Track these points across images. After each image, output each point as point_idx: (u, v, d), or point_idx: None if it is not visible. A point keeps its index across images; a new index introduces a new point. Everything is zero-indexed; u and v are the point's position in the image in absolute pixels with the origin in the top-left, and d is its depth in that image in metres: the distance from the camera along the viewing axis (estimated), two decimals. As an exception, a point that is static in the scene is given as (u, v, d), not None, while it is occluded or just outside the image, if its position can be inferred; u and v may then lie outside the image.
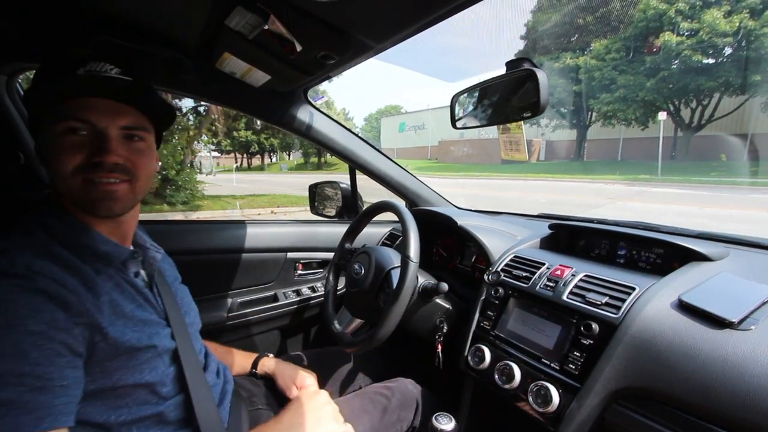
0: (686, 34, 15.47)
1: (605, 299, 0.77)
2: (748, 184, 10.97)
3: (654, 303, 0.70)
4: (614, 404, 0.67)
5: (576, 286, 0.83)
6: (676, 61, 15.72)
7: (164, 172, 8.41)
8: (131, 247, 0.68)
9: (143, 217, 0.73)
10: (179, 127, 8.97)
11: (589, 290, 0.81)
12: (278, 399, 0.96)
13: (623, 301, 0.74)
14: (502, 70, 0.65)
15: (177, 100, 9.22)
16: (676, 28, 15.48)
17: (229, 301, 1.31)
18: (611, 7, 19.10)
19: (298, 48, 0.70)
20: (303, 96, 1.14)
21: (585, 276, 0.85)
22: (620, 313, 0.72)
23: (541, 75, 0.57)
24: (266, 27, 0.65)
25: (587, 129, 21.46)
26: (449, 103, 0.79)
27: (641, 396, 0.65)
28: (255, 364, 1.01)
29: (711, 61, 15.55)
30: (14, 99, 1.01)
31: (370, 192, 1.68)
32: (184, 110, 9.88)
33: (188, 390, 0.64)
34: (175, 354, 0.65)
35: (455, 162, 25.17)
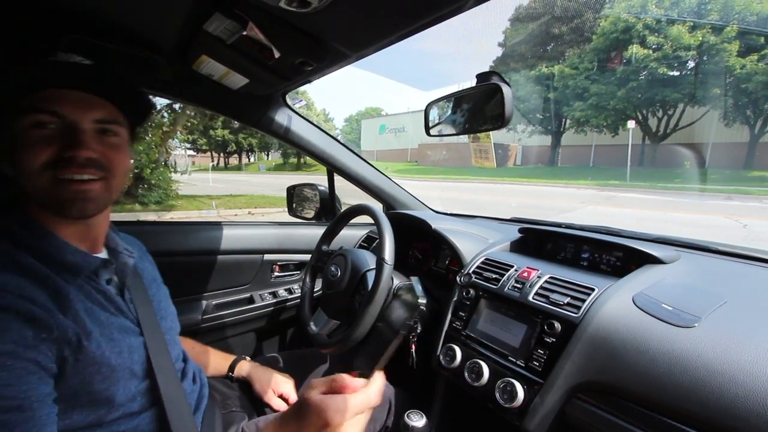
0: (653, 47, 16.26)
1: (567, 299, 0.81)
2: (708, 190, 11.63)
3: (611, 303, 0.75)
4: (574, 398, 0.72)
5: (541, 287, 0.88)
6: (644, 73, 16.50)
7: (136, 171, 8.14)
8: (103, 252, 0.65)
9: (113, 217, 0.70)
10: (153, 124, 8.71)
11: (553, 291, 0.85)
12: (253, 402, 0.96)
13: (583, 301, 0.79)
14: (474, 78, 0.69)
15: (150, 97, 8.91)
16: (643, 40, 16.25)
17: (204, 303, 1.30)
18: (584, 18, 19.85)
19: (276, 54, 0.71)
20: (281, 99, 1.15)
21: (550, 278, 0.90)
22: (580, 313, 0.77)
23: (507, 89, 0.60)
24: (244, 33, 0.66)
25: (561, 135, 22.21)
26: (424, 111, 0.83)
27: (598, 390, 0.70)
28: (231, 368, 1.01)
29: (675, 73, 16.43)
30: None
31: (348, 194, 1.70)
32: (159, 107, 9.60)
33: (162, 403, 0.62)
34: (149, 368, 0.62)
35: (434, 165, 25.47)
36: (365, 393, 0.49)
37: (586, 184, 13.86)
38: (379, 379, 0.52)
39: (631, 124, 15.75)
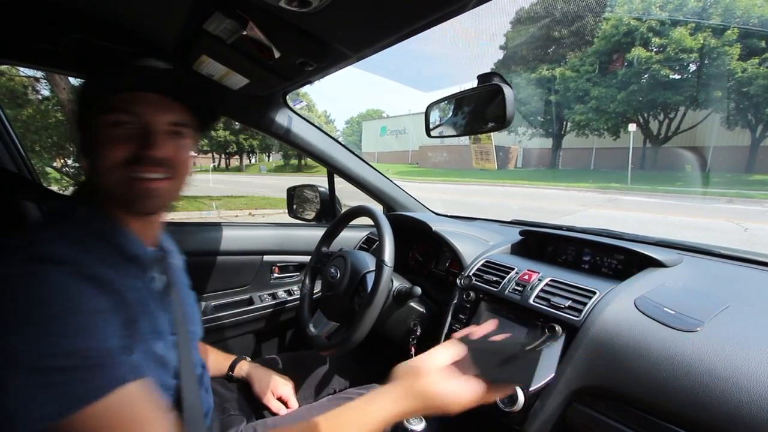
0: (655, 49, 16.28)
1: (568, 303, 0.81)
2: (709, 194, 11.62)
3: (612, 306, 0.75)
4: (575, 403, 0.71)
5: (542, 290, 0.87)
6: (646, 75, 16.51)
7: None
8: (156, 250, 0.66)
9: None
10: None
11: (554, 294, 0.85)
12: (251, 405, 0.96)
13: (585, 304, 0.78)
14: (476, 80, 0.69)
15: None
16: (645, 43, 16.26)
17: (203, 304, 1.29)
18: (585, 21, 19.88)
19: (277, 54, 0.71)
20: (282, 100, 1.15)
21: (551, 280, 0.89)
22: (581, 316, 0.76)
23: (508, 90, 0.60)
24: (244, 33, 0.66)
25: (562, 138, 22.21)
26: (425, 112, 0.82)
27: (599, 394, 0.69)
28: (232, 367, 1.00)
29: (677, 76, 16.43)
30: None
31: (349, 196, 1.69)
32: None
33: (182, 409, 0.61)
34: (177, 370, 0.62)
35: (435, 167, 25.48)
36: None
37: (587, 187, 13.85)
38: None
39: (632, 127, 15.75)
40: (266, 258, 1.42)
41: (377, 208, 1.10)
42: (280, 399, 0.97)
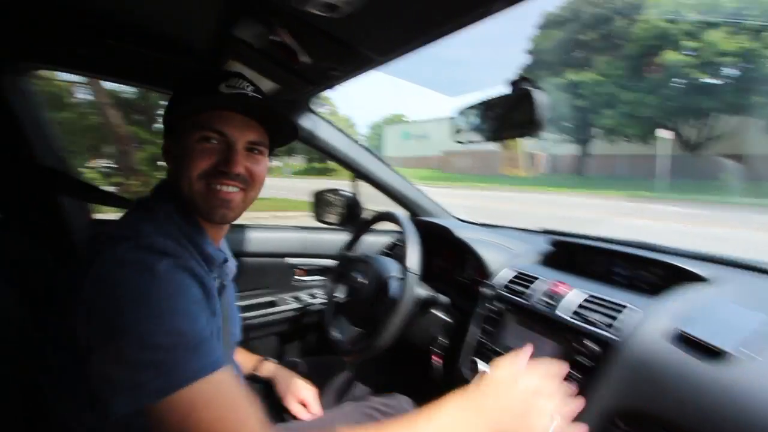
0: (689, 53, 15.64)
1: (603, 318, 0.76)
2: (749, 204, 10.97)
3: (651, 325, 0.70)
4: (609, 424, 0.67)
5: (574, 304, 0.83)
6: (679, 80, 15.87)
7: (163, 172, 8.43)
8: (221, 252, 0.70)
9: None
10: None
11: (587, 309, 0.81)
12: (273, 408, 0.96)
13: (621, 321, 0.74)
14: (504, 85, 0.66)
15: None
16: (679, 46, 15.65)
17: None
18: (616, 24, 19.32)
19: (304, 59, 0.71)
20: (306, 104, 1.16)
21: (584, 294, 0.85)
22: (618, 334, 0.72)
23: (540, 95, 0.58)
24: (273, 37, 0.66)
25: (590, 144, 21.59)
26: (452, 117, 0.80)
27: (637, 417, 0.65)
28: (257, 367, 1.01)
29: (713, 80, 15.69)
30: (21, 97, 1.01)
31: (373, 200, 1.68)
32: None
33: None
34: None
35: (458, 173, 25.25)
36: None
37: (616, 195, 13.39)
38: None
39: (664, 133, 15.14)
40: (290, 260, 1.42)
41: (402, 213, 1.09)
42: (301, 403, 0.96)
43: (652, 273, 0.93)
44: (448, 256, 1.37)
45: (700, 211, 9.80)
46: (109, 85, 6.52)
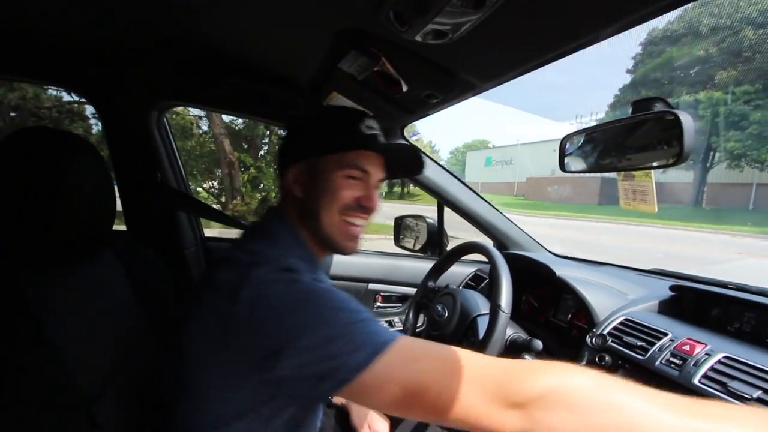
0: None
1: (756, 393, 0.61)
2: None
3: None
4: None
5: (712, 369, 0.68)
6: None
7: (264, 194, 9.35)
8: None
9: (227, 234, 0.77)
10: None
11: (731, 377, 0.65)
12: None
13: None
14: (602, 109, 0.59)
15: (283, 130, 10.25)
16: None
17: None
18: (742, 35, 16.82)
19: (405, 88, 0.71)
20: (399, 132, 1.17)
21: (725, 357, 0.69)
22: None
23: (686, 117, 0.48)
24: (376, 69, 0.68)
25: (708, 171, 18.68)
26: (560, 144, 0.73)
27: None
28: None
29: None
30: (160, 130, 1.20)
31: (455, 227, 1.62)
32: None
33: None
34: None
35: (544, 200, 23.69)
36: None
37: (742, 231, 11.28)
38: None
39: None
40: (371, 286, 1.42)
41: (491, 245, 1.02)
42: (374, 434, 0.92)
43: None
44: (541, 294, 1.25)
45: None
46: (223, 116, 7.54)
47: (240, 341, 0.50)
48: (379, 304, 1.45)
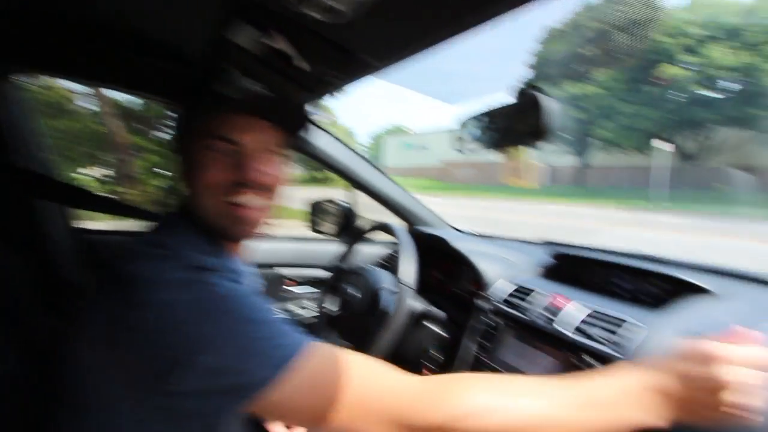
0: (689, 67, 15.82)
1: (604, 334, 0.74)
2: (749, 214, 10.91)
3: (657, 341, 0.67)
4: None
5: (575, 318, 0.80)
6: (678, 93, 16.02)
7: (167, 182, 8.45)
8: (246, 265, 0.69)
9: (124, 226, 0.70)
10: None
11: (590, 324, 0.78)
12: (257, 426, 0.92)
13: (623, 336, 0.71)
14: (508, 94, 0.65)
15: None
16: (679, 60, 15.84)
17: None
18: (618, 40, 19.58)
19: (301, 65, 0.69)
20: (304, 112, 1.14)
21: (587, 309, 0.82)
22: (620, 350, 0.69)
23: (550, 102, 0.56)
24: (269, 43, 0.65)
25: (590, 155, 21.72)
26: (455, 127, 0.79)
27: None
28: None
29: (713, 94, 15.83)
30: (3, 101, 1.00)
31: (371, 211, 1.66)
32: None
33: None
34: None
35: (458, 182, 25.30)
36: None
37: (616, 206, 13.38)
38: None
39: (663, 144, 15.23)
40: (279, 270, 1.39)
41: (399, 224, 1.06)
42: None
43: (655, 286, 0.90)
44: (445, 267, 1.34)
45: (698, 221, 9.77)
46: (113, 95, 6.58)
47: (140, 349, 0.46)
48: (291, 288, 1.43)
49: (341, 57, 0.70)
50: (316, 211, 1.68)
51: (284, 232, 1.65)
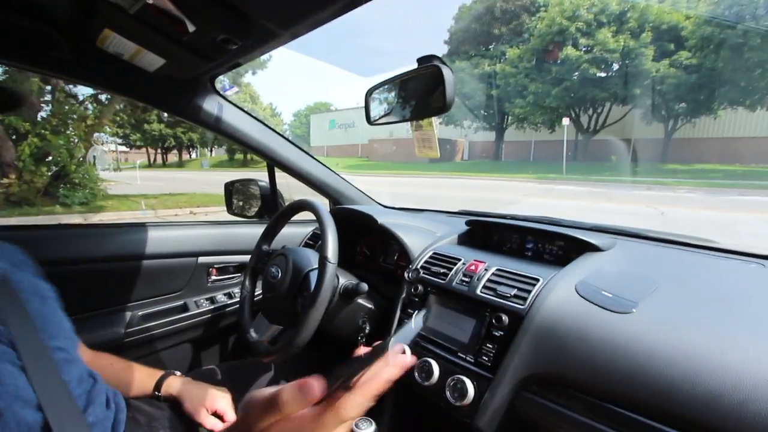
0: (584, 49, 17.55)
1: (514, 291, 0.81)
2: (632, 182, 12.80)
3: (555, 293, 0.76)
4: (522, 391, 0.71)
5: (488, 280, 0.87)
6: (576, 73, 17.77)
7: (54, 168, 7.29)
8: None
9: (25, 222, 0.58)
10: (75, 116, 7.84)
11: (500, 283, 0.85)
12: (184, 422, 0.86)
13: (529, 292, 0.79)
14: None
15: (72, 86, 8.06)
16: (575, 42, 17.48)
17: (129, 314, 1.16)
18: (522, 20, 20.90)
19: (191, 28, 0.62)
20: (209, 85, 1.04)
21: (497, 270, 0.89)
22: (526, 304, 0.77)
23: (447, 72, 0.57)
24: (150, 1, 0.57)
25: (504, 131, 23.32)
26: (365, 97, 0.77)
27: (546, 382, 0.69)
28: (158, 385, 0.89)
29: (603, 74, 17.84)
30: None
31: (298, 191, 1.60)
32: (82, 97, 8.67)
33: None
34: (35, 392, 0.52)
35: (384, 160, 25.57)
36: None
37: (527, 178, 14.66)
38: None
39: (565, 121, 16.94)
40: (202, 259, 1.30)
41: (320, 202, 1.04)
42: (215, 414, 0.88)
43: (557, 246, 1.01)
44: (372, 242, 1.36)
45: (595, 189, 11.16)
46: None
47: None
48: (214, 277, 1.34)
49: (238, 21, 0.64)
50: (233, 193, 1.58)
51: (214, 218, 1.52)
